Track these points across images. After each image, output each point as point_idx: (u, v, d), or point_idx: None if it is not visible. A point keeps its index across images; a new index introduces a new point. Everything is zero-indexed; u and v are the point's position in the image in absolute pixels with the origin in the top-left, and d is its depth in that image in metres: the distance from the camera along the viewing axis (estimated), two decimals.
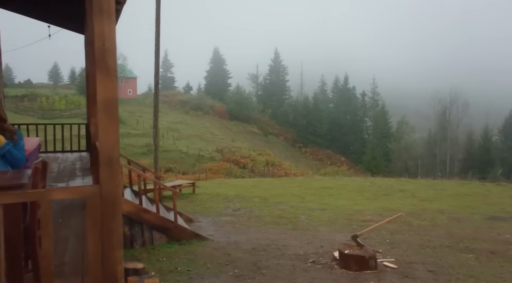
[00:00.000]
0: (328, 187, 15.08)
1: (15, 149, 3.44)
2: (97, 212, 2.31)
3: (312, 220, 9.23)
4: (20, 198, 2.38)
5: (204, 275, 5.34)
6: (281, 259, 6.00)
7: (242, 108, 62.21)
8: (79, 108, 49.00)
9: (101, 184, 2.30)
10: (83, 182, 7.24)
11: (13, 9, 10.26)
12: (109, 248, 2.34)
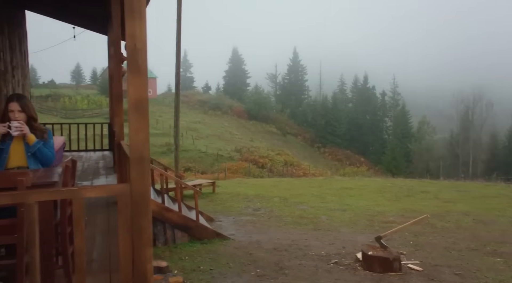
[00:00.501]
0: (348, 188, 14.93)
1: (45, 148, 3.51)
2: (127, 211, 2.33)
3: (333, 221, 9.15)
4: (55, 195, 2.43)
5: (227, 274, 5.35)
6: (303, 259, 5.97)
7: (261, 108, 62.21)
8: (100, 108, 49.91)
9: (132, 183, 2.33)
10: (107, 181, 7.36)
11: (40, 12, 10.51)
12: (139, 246, 2.36)
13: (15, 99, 3.49)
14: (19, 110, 3.43)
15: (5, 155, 3.46)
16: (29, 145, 3.43)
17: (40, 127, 3.61)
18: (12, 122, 3.35)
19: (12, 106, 3.43)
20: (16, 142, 3.46)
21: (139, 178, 2.34)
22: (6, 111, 3.46)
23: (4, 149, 3.44)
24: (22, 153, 3.48)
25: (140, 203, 2.34)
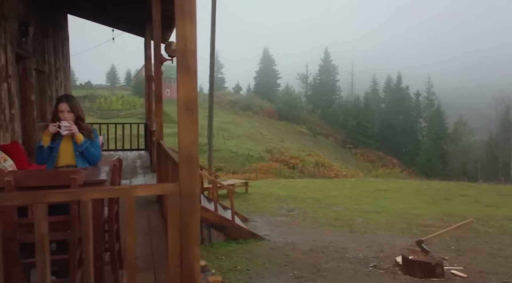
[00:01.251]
0: (382, 190, 14.63)
1: (92, 147, 3.61)
2: (176, 210, 2.35)
3: (369, 223, 8.98)
4: (108, 194, 2.49)
5: (264, 275, 5.34)
6: (340, 262, 5.88)
7: (291, 108, 61.96)
8: (134, 108, 51.14)
9: (181, 183, 2.34)
10: (145, 180, 7.51)
11: (81, 15, 10.86)
12: (187, 245, 2.38)
13: (64, 99, 3.60)
14: (68, 110, 3.54)
15: (55, 153, 3.57)
16: (78, 144, 3.53)
17: (87, 127, 3.71)
18: (62, 122, 3.45)
19: (62, 106, 3.54)
20: (65, 141, 3.58)
21: (188, 178, 2.35)
22: (56, 112, 3.57)
23: (54, 147, 3.56)
24: (71, 152, 3.59)
25: (188, 202, 2.36)
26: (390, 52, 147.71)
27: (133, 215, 2.32)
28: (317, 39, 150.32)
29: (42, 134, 3.56)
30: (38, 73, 8.09)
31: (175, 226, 2.37)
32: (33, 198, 2.16)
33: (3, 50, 5.74)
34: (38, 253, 2.18)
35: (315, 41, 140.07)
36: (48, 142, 3.52)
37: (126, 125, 12.26)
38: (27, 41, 6.99)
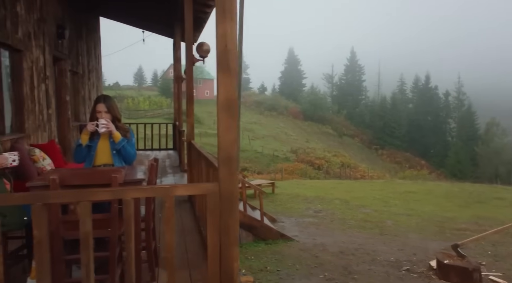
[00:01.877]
0: (412, 192, 14.32)
1: (128, 146, 3.66)
2: (216, 209, 2.36)
3: (399, 226, 8.80)
4: (149, 193, 2.52)
5: (294, 276, 5.30)
6: (372, 264, 5.78)
7: (317, 109, 61.52)
8: (161, 109, 51.91)
9: (220, 182, 2.34)
10: (175, 179, 7.59)
11: (113, 17, 11.09)
12: (226, 245, 2.38)
13: (102, 100, 3.67)
14: (105, 111, 3.60)
15: (93, 152, 3.65)
16: (115, 142, 3.59)
17: (124, 127, 3.77)
18: (100, 120, 3.52)
19: (99, 107, 3.61)
20: (103, 140, 3.65)
21: (227, 178, 2.35)
22: (94, 112, 3.65)
23: (92, 146, 3.64)
24: (108, 151, 3.66)
25: (228, 202, 2.35)
26: (418, 51, 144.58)
27: (173, 214, 2.34)
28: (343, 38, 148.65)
29: (81, 133, 3.64)
30: (73, 74, 8.31)
31: (215, 226, 2.37)
32: (79, 196, 2.20)
33: (41, 52, 5.92)
34: (83, 250, 2.23)
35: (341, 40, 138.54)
36: (87, 140, 3.60)
37: (155, 125, 12.44)
38: (63, 43, 7.19)
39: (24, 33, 5.26)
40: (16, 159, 2.93)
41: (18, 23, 5.04)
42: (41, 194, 2.16)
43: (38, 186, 2.74)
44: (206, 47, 5.52)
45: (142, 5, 9.23)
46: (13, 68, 5.13)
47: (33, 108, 5.59)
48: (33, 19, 5.59)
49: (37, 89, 5.74)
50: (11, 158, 2.89)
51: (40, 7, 5.90)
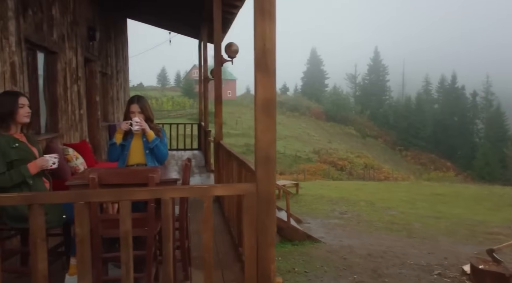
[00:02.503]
0: (439, 194, 14.02)
1: (161, 145, 3.69)
2: (253, 210, 2.35)
3: (427, 228, 8.62)
4: (188, 192, 2.54)
5: (323, 278, 5.25)
6: (402, 268, 5.67)
7: (339, 109, 60.96)
8: (184, 109, 52.48)
9: (258, 183, 2.33)
10: (201, 179, 7.64)
11: (140, 19, 11.26)
12: (263, 246, 2.37)
13: (135, 101, 3.72)
14: (138, 111, 3.65)
15: (126, 151, 3.70)
16: (148, 141, 3.63)
17: (156, 127, 3.81)
18: (133, 119, 3.56)
19: (133, 107, 3.66)
20: (136, 139, 3.70)
21: (265, 178, 2.34)
22: (128, 112, 3.70)
23: (125, 146, 3.69)
24: (141, 151, 3.70)
25: (265, 202, 2.34)
26: (443, 51, 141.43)
27: (211, 214, 2.34)
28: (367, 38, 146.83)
29: (114, 133, 3.69)
30: (102, 75, 8.47)
31: (252, 226, 2.36)
32: (119, 195, 2.23)
33: (74, 53, 6.06)
34: (123, 249, 2.26)
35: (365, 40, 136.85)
36: (121, 139, 3.65)
37: (180, 125, 12.56)
38: (93, 45, 7.34)
39: (59, 35, 5.39)
40: (56, 161, 2.99)
41: (53, 25, 5.17)
42: (83, 192, 2.20)
43: (77, 185, 2.80)
44: (235, 47, 5.53)
45: (169, 7, 9.33)
46: (47, 69, 5.26)
47: (66, 109, 5.72)
48: (66, 22, 5.72)
49: (70, 90, 5.88)
50: (52, 161, 2.95)
51: (73, 9, 6.04)
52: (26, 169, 2.83)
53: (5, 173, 2.76)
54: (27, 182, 2.86)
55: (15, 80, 3.92)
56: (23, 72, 4.14)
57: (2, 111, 2.84)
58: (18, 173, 2.80)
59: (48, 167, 2.96)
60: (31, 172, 2.86)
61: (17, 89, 3.94)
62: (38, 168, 2.91)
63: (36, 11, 4.58)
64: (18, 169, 2.81)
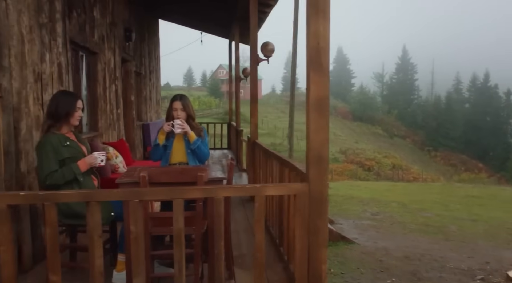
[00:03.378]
0: (474, 196, 13.59)
1: (202, 145, 3.72)
2: (305, 210, 2.32)
3: (465, 231, 8.35)
4: (240, 192, 2.54)
5: (360, 280, 5.16)
6: (442, 272, 5.50)
7: (366, 109, 60.06)
8: (210, 109, 52.90)
9: (310, 183, 2.31)
10: (234, 178, 7.64)
11: (172, 20, 11.40)
12: (315, 246, 2.34)
13: (178, 98, 3.76)
14: (181, 108, 3.68)
15: (169, 151, 3.74)
16: (190, 142, 3.65)
17: (198, 126, 3.83)
18: (175, 121, 3.59)
19: (176, 104, 3.70)
20: (178, 140, 3.73)
21: (317, 178, 2.31)
22: (171, 110, 3.74)
23: (168, 146, 3.73)
24: (183, 150, 3.73)
25: (317, 203, 2.31)
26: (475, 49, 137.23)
27: (263, 214, 2.33)
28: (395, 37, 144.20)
29: (158, 133, 3.74)
30: (136, 75, 8.62)
31: (303, 227, 2.33)
32: (173, 194, 2.25)
33: (112, 54, 6.18)
34: (176, 247, 2.27)
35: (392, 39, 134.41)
36: (163, 140, 3.69)
37: (210, 124, 12.64)
38: (129, 45, 7.47)
39: (99, 36, 5.51)
40: (104, 159, 3.05)
41: (95, 26, 5.28)
42: (138, 191, 2.23)
43: (126, 183, 2.84)
44: (271, 46, 5.51)
45: (201, 7, 9.40)
46: (88, 69, 5.38)
47: (105, 108, 5.84)
48: (106, 23, 5.84)
49: (109, 89, 6.00)
50: (100, 158, 3.02)
51: (112, 11, 6.16)
52: (76, 167, 2.90)
53: (58, 171, 2.83)
54: (77, 180, 2.93)
55: (61, 81, 4.03)
56: (68, 73, 4.24)
57: (59, 112, 2.91)
58: (69, 171, 2.87)
59: (96, 165, 3.02)
60: (81, 170, 2.92)
61: (63, 89, 4.05)
62: (88, 166, 2.98)
63: (80, 13, 4.69)
64: (70, 167, 2.88)
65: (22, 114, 3.21)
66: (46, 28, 3.70)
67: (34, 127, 3.42)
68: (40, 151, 2.82)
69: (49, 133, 2.91)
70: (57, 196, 2.15)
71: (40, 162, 2.81)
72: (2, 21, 2.93)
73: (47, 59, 3.69)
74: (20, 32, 3.18)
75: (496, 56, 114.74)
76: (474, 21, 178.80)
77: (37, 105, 3.48)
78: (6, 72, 2.98)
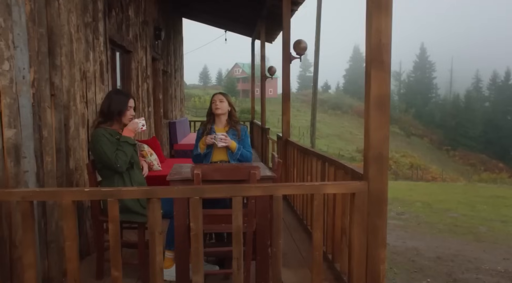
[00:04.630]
0: (500, 196, 13.34)
1: (244, 149, 3.66)
2: (364, 209, 2.30)
3: (496, 233, 8.21)
4: (299, 190, 2.53)
5: (395, 279, 5.12)
6: (479, 273, 5.41)
7: None
8: None
9: (370, 181, 2.28)
10: None
11: (196, 19, 11.45)
12: (373, 246, 2.31)
13: (219, 93, 3.78)
14: (220, 99, 3.67)
15: (210, 155, 3.69)
16: (233, 152, 3.60)
17: (237, 126, 3.75)
18: (217, 135, 3.52)
19: (215, 97, 3.71)
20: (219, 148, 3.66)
21: (377, 176, 2.28)
22: (211, 103, 3.74)
23: (209, 152, 3.67)
24: (224, 150, 3.68)
25: (377, 202, 2.28)
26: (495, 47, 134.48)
27: (322, 212, 2.31)
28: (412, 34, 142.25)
29: (199, 142, 3.67)
30: (163, 74, 8.68)
31: (362, 226, 2.31)
32: (233, 191, 2.25)
33: (144, 52, 6.23)
34: (235, 244, 2.27)
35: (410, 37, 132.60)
36: (204, 150, 3.64)
37: None
38: (158, 44, 7.52)
39: (133, 35, 5.56)
40: (144, 124, 3.09)
41: (130, 25, 5.33)
42: (199, 188, 2.23)
43: (176, 180, 2.85)
44: (304, 44, 5.47)
45: (226, 5, 9.39)
46: (123, 68, 5.43)
47: (137, 106, 5.88)
48: (139, 22, 5.89)
49: (141, 88, 6.05)
50: (141, 123, 3.05)
51: (144, 10, 6.21)
52: (125, 137, 2.94)
53: (117, 151, 2.87)
54: (128, 172, 2.98)
55: (102, 79, 4.07)
56: (108, 71, 4.29)
57: (111, 110, 2.95)
58: (124, 145, 2.91)
59: (138, 130, 3.05)
60: (130, 136, 2.98)
61: (104, 88, 4.10)
62: (133, 132, 3.02)
63: (118, 12, 4.74)
64: (121, 142, 2.91)
65: (71, 112, 3.26)
66: (90, 27, 3.74)
67: (81, 124, 3.47)
68: (97, 142, 2.87)
69: (100, 128, 2.96)
70: (120, 192, 2.17)
71: (100, 151, 2.86)
72: (55, 20, 2.97)
73: (91, 58, 3.74)
74: (69, 31, 3.22)
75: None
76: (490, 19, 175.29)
77: (82, 103, 3.53)
78: (58, 70, 3.02)
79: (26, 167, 2.50)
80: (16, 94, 2.41)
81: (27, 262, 2.12)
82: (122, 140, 2.92)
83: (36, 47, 2.70)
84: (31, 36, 2.62)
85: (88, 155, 3.62)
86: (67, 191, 2.18)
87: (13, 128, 2.36)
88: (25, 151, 2.50)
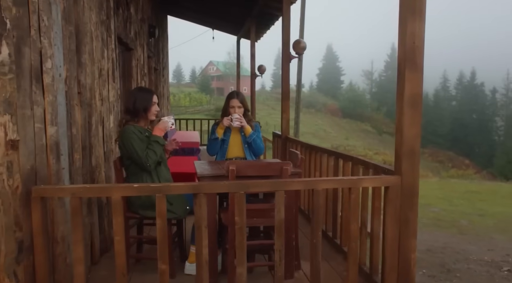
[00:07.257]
0: (474, 191, 13.91)
1: (258, 138, 3.80)
2: (397, 202, 2.44)
3: (476, 226, 8.60)
4: (338, 184, 2.64)
5: None
6: (469, 263, 5.70)
7: (355, 106, 60.70)
8: (201, 105, 52.73)
9: (403, 175, 2.43)
10: None
11: (181, 16, 11.38)
12: (405, 237, 2.46)
13: (235, 96, 3.84)
14: (239, 106, 3.78)
15: (226, 146, 3.83)
16: (246, 135, 3.75)
17: (252, 122, 3.91)
18: (233, 115, 3.70)
19: (234, 102, 3.78)
20: (234, 134, 3.83)
21: (410, 171, 2.43)
22: (228, 107, 3.81)
23: (225, 140, 3.81)
24: (240, 145, 3.82)
25: (409, 195, 2.43)
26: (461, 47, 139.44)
27: (358, 205, 2.44)
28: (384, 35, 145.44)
29: (216, 127, 3.81)
30: (154, 71, 8.62)
31: (394, 218, 2.45)
32: (275, 186, 2.34)
33: (142, 50, 6.20)
34: (277, 237, 2.36)
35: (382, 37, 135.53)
36: (222, 134, 3.78)
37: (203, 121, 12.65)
38: (152, 42, 7.48)
39: (134, 32, 5.53)
40: (173, 122, 3.18)
41: (131, 23, 5.31)
42: (244, 183, 2.31)
43: (206, 176, 2.92)
44: (303, 44, 5.60)
45: (213, 3, 9.38)
46: (124, 65, 5.40)
47: None
48: (138, 19, 5.86)
49: (139, 85, 6.02)
50: (171, 122, 3.13)
51: (142, 7, 6.18)
52: (155, 136, 3.01)
53: (147, 150, 2.91)
54: (155, 169, 3.02)
55: (114, 77, 4.06)
56: (117, 69, 4.28)
57: (137, 107, 2.99)
58: (154, 144, 2.96)
59: (168, 128, 3.13)
60: (160, 135, 3.04)
61: (115, 85, 4.09)
62: (163, 131, 3.09)
63: (123, 10, 4.72)
64: (151, 141, 2.97)
65: (93, 110, 3.26)
66: (104, 25, 3.73)
67: (99, 122, 3.47)
68: (127, 139, 2.91)
69: (129, 125, 2.99)
70: (169, 188, 2.22)
71: (131, 148, 2.90)
72: (81, 18, 2.97)
73: (105, 56, 3.73)
74: (90, 29, 3.22)
75: (483, 57, 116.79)
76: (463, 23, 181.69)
77: (100, 101, 3.53)
78: (83, 68, 3.02)
79: (63, 164, 2.50)
80: (56, 91, 2.41)
81: (77, 257, 2.15)
82: (152, 140, 2.97)
83: (67, 45, 2.71)
84: (64, 34, 2.63)
85: (104, 152, 3.62)
86: (116, 187, 2.21)
87: (54, 126, 2.37)
88: (62, 148, 2.51)
